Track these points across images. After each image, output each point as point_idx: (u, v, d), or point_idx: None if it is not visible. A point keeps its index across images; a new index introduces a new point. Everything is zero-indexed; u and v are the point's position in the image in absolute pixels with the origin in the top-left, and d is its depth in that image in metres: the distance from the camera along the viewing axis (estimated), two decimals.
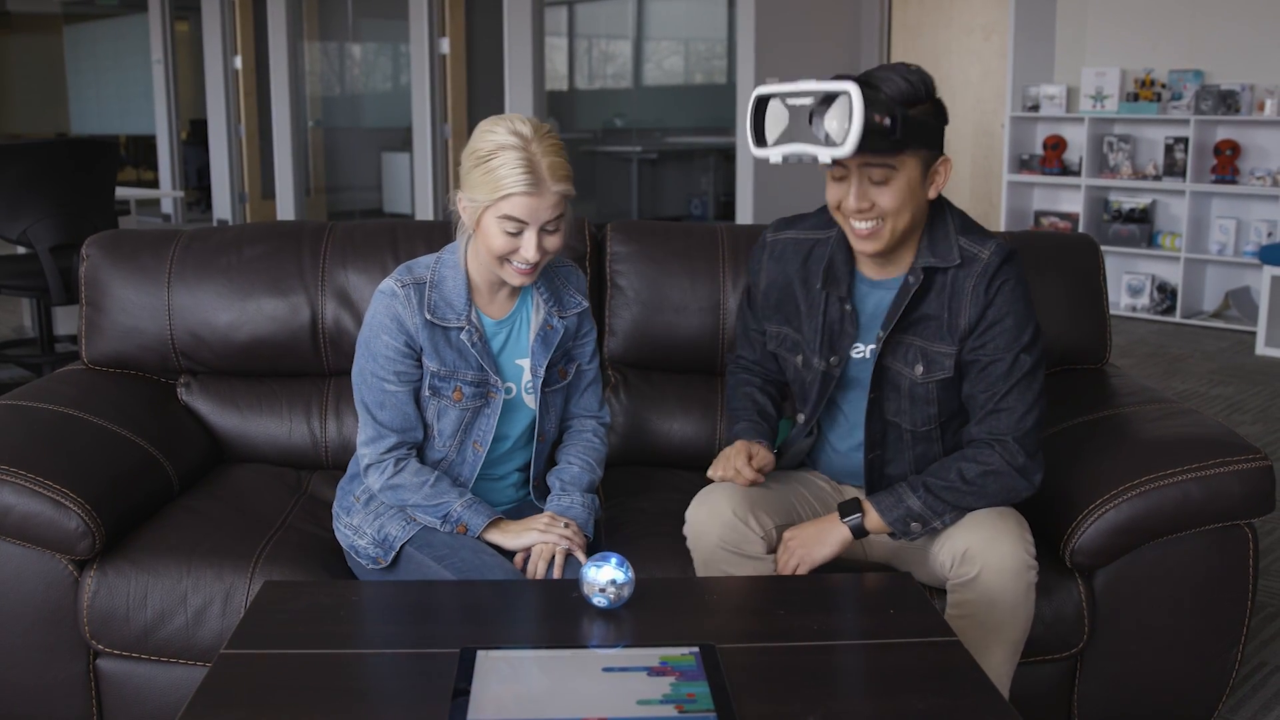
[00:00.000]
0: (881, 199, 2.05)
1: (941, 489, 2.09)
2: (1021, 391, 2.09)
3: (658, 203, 9.65)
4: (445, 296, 2.17)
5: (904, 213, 2.07)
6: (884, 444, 2.22)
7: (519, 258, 2.08)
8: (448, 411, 2.19)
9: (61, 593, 2.23)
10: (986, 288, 2.09)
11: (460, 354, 2.17)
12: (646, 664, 1.62)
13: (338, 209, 11.15)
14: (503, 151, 2.03)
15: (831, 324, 2.20)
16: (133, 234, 2.81)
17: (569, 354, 2.30)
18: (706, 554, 2.15)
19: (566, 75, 9.95)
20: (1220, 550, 2.25)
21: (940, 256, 2.12)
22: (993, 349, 2.10)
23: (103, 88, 15.19)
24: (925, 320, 2.14)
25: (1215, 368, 5.95)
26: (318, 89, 11.00)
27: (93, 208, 4.92)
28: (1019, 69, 7.56)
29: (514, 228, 2.05)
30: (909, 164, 2.05)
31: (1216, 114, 6.84)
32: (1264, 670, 2.78)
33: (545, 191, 2.04)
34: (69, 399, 2.52)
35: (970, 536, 2.05)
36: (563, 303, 2.27)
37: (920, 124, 2.02)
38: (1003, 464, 2.09)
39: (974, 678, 1.61)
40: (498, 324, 2.22)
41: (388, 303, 2.16)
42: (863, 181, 2.05)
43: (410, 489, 2.17)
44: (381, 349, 2.16)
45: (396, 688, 1.58)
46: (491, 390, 2.20)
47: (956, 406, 2.19)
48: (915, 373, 2.15)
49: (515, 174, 2.02)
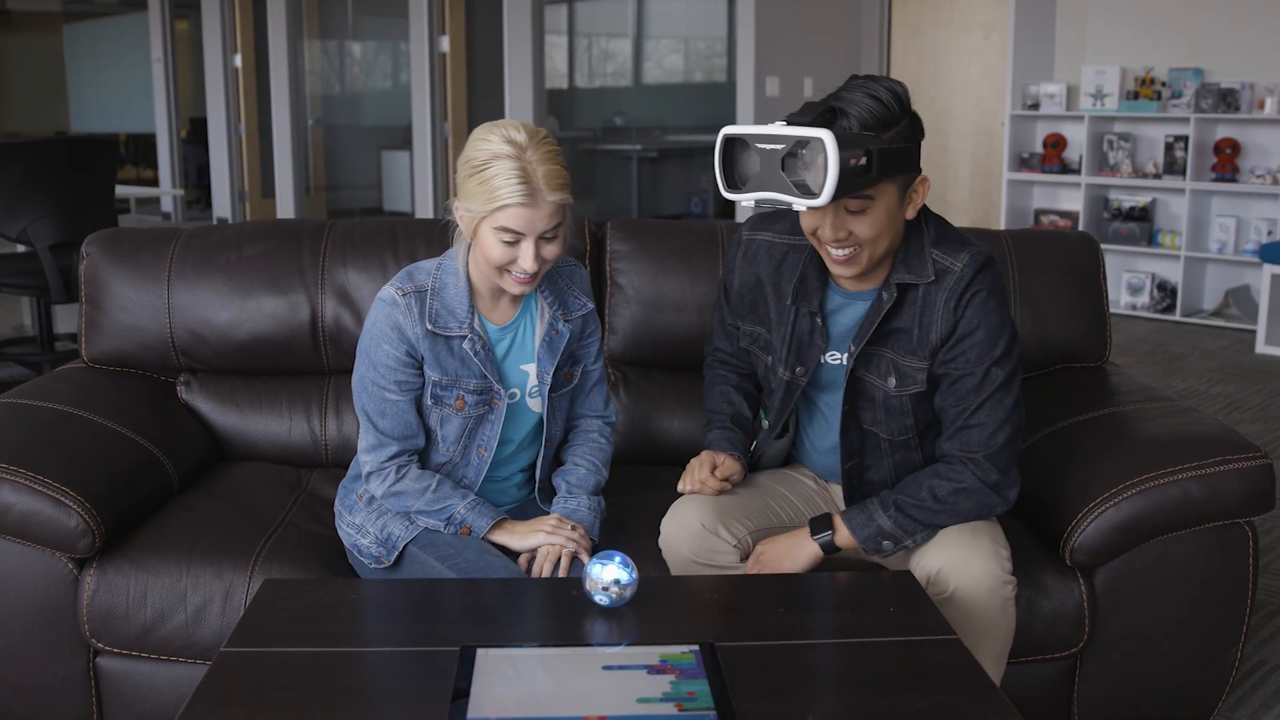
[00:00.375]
0: (859, 229, 1.98)
1: (912, 508, 2.05)
2: (993, 407, 2.04)
3: (658, 201, 9.65)
4: (447, 305, 2.14)
5: (883, 239, 2.01)
6: (862, 452, 2.20)
7: (517, 268, 2.05)
8: (450, 419, 2.18)
9: (61, 591, 2.23)
10: (958, 302, 2.03)
11: (463, 362, 2.15)
12: (647, 662, 1.62)
13: (338, 207, 11.15)
14: (497, 161, 2.00)
15: (800, 335, 2.16)
16: (133, 232, 2.81)
17: (574, 356, 2.29)
18: (679, 566, 2.14)
19: (566, 73, 9.94)
20: (1220, 549, 2.25)
21: (915, 272, 2.05)
22: (963, 363, 2.05)
23: (102, 86, 15.18)
24: (897, 333, 2.09)
25: (1215, 366, 5.95)
26: (318, 87, 10.99)
27: (92, 206, 4.92)
28: (1019, 67, 7.56)
29: (511, 238, 2.02)
30: (886, 191, 1.97)
31: (1216, 112, 6.84)
32: (1264, 668, 2.78)
33: (541, 202, 2.01)
34: (69, 397, 2.52)
35: (942, 555, 2.02)
36: (568, 305, 2.25)
37: (896, 153, 1.92)
38: (975, 482, 2.05)
39: (974, 676, 1.61)
40: (501, 330, 2.20)
41: (388, 311, 2.13)
42: (839, 213, 1.97)
43: (413, 495, 2.16)
44: (382, 358, 2.14)
45: (397, 686, 1.58)
46: (495, 397, 2.18)
47: (933, 416, 2.15)
48: (889, 385, 2.11)
49: (510, 185, 1.98)
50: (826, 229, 1.99)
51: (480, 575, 2.05)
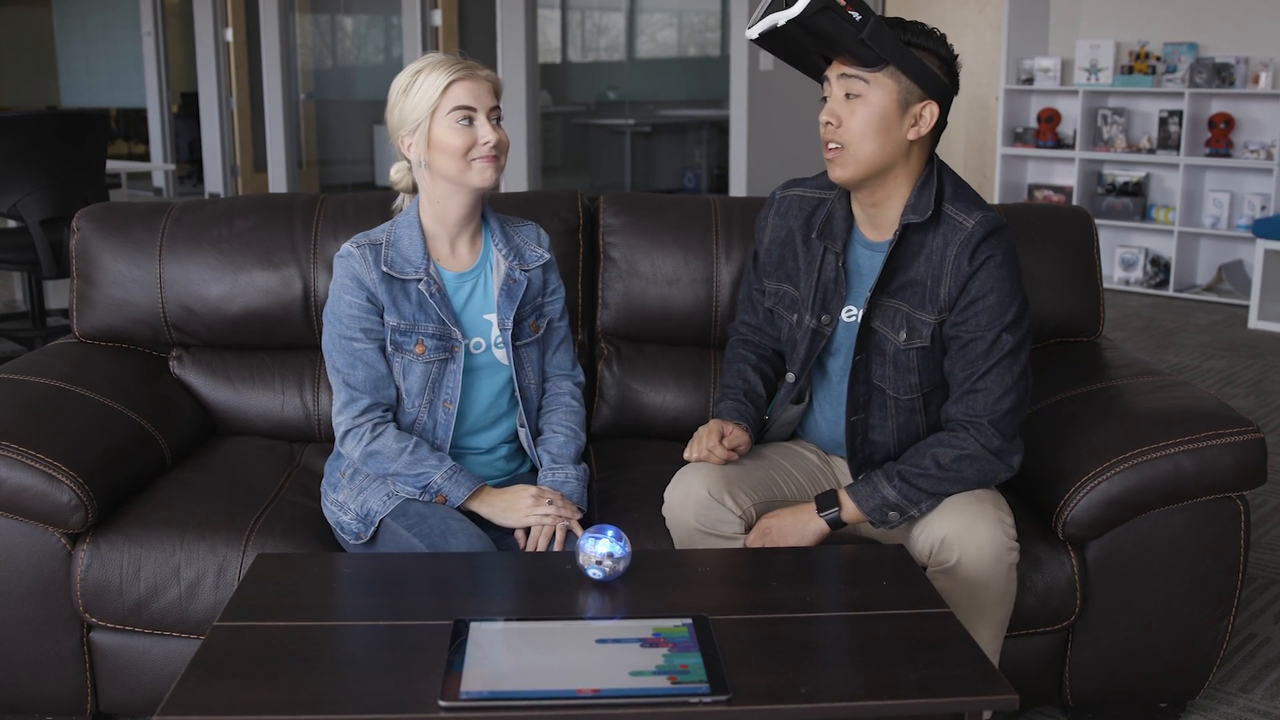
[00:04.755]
0: (849, 117, 2.05)
1: (916, 476, 2.07)
2: (1001, 373, 2.07)
3: (651, 175, 9.62)
4: (402, 253, 2.21)
5: (869, 139, 2.05)
6: (868, 408, 2.21)
7: (480, 146, 2.14)
8: (412, 367, 2.20)
9: (54, 566, 2.23)
10: (970, 258, 2.06)
11: (420, 307, 2.20)
12: (639, 635, 1.62)
13: (330, 182, 11.11)
14: (425, 69, 2.16)
15: (826, 283, 2.20)
16: (124, 207, 2.80)
17: (539, 309, 2.33)
18: (683, 535, 2.15)
19: (559, 48, 9.89)
20: (1212, 522, 2.26)
21: (918, 213, 2.09)
22: (974, 326, 2.07)
23: (92, 60, 15.07)
24: (911, 286, 2.12)
25: (1208, 341, 5.96)
26: (309, 61, 10.93)
27: (83, 181, 4.90)
28: (1013, 41, 7.54)
29: (463, 116, 2.13)
30: (884, 86, 2.03)
31: (1211, 87, 6.83)
32: (1254, 641, 2.79)
33: (478, 76, 2.15)
34: (61, 372, 2.51)
35: (948, 523, 2.04)
36: (523, 256, 2.31)
37: (900, 45, 2.01)
38: (977, 448, 2.07)
39: (966, 649, 1.62)
40: (460, 277, 2.25)
41: (345, 264, 2.21)
42: (837, 97, 2.07)
43: (389, 456, 2.16)
44: (345, 309, 2.19)
45: (389, 659, 1.58)
46: (455, 344, 2.21)
47: (939, 379, 2.17)
48: (899, 338, 2.14)
49: (444, 68, 2.13)
50: (824, 112, 2.08)
51: (443, 543, 2.05)
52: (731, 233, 2.75)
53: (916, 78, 2.03)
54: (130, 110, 13.78)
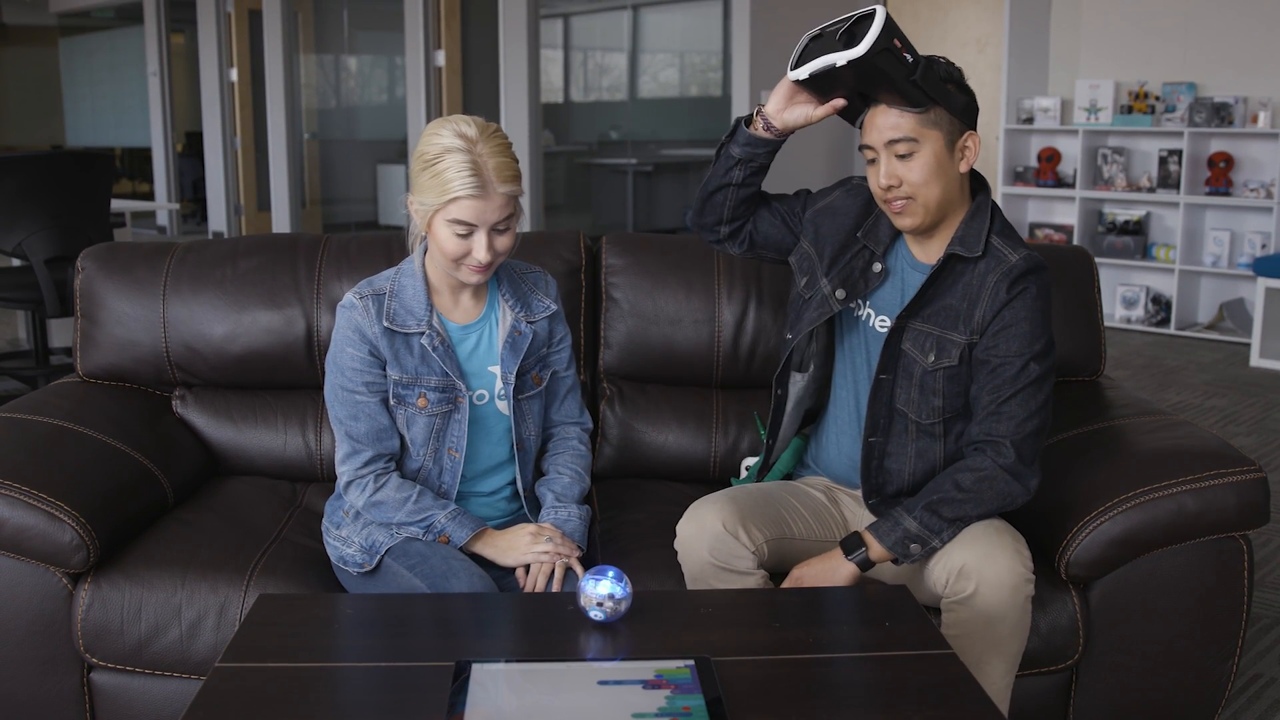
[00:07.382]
0: (908, 174, 2.10)
1: (937, 503, 2.08)
2: (1025, 399, 2.10)
3: (653, 214, 9.65)
4: (405, 304, 2.19)
5: (933, 185, 2.11)
6: (887, 432, 2.23)
7: (471, 259, 2.10)
8: (416, 419, 2.20)
9: (56, 606, 2.22)
10: (1009, 288, 2.12)
11: (423, 360, 2.19)
12: (642, 677, 1.62)
13: (333, 221, 11.15)
14: (448, 155, 2.05)
15: (854, 266, 2.25)
16: (128, 246, 2.81)
17: (544, 360, 2.31)
18: (696, 570, 2.15)
19: (562, 88, 9.96)
20: (1215, 562, 2.25)
21: (967, 247, 2.15)
22: (1004, 351, 2.12)
23: (98, 100, 15.18)
24: (945, 311, 2.17)
25: (1210, 379, 5.96)
26: (313, 101, 11.01)
27: (88, 220, 4.92)
28: (1013, 81, 7.59)
29: (464, 230, 2.07)
30: (931, 136, 2.09)
31: (1210, 126, 6.86)
32: (1259, 682, 2.78)
33: (492, 194, 2.06)
34: (64, 412, 2.51)
35: (966, 553, 2.05)
36: (530, 307, 2.29)
37: (942, 83, 2.07)
38: (994, 468, 2.09)
39: (970, 691, 1.61)
40: (464, 329, 2.23)
41: (348, 315, 2.18)
42: (890, 160, 2.11)
43: (393, 505, 2.17)
44: (348, 361, 2.18)
45: (391, 700, 1.58)
46: (459, 395, 2.20)
47: (961, 405, 2.20)
48: (928, 360, 2.17)
49: (461, 177, 2.03)
50: (880, 177, 2.12)
51: (444, 583, 2.05)
52: (733, 273, 2.76)
53: (958, 113, 2.11)
54: (135, 149, 13.88)
